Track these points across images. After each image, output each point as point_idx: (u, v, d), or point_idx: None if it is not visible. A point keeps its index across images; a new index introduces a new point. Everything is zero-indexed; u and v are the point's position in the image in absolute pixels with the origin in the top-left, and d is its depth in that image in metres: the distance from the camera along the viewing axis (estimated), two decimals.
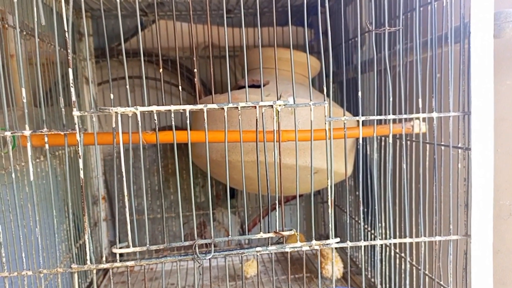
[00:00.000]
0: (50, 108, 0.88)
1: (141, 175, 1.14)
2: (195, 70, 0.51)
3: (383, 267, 0.76)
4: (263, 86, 0.86)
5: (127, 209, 0.52)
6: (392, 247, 0.73)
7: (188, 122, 0.53)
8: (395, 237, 0.65)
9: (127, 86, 0.51)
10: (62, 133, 0.50)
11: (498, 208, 0.72)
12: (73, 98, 0.48)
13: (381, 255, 0.76)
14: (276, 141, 0.57)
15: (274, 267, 0.93)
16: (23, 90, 0.49)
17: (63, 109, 0.51)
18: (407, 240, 0.62)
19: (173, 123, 0.52)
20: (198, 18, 1.16)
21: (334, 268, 0.61)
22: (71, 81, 0.47)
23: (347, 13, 1.03)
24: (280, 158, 0.55)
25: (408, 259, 0.68)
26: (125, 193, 0.52)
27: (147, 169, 1.19)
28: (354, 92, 1.00)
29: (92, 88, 1.09)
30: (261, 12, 1.13)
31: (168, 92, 1.21)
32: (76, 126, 0.49)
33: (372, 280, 0.90)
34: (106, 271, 1.10)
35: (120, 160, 0.52)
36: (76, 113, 0.49)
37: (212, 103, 0.54)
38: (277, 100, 0.54)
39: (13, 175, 0.52)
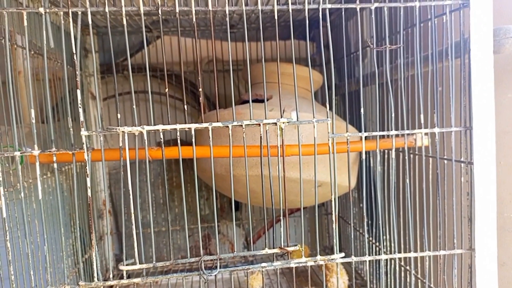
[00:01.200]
0: (56, 123, 0.89)
1: (146, 189, 1.15)
2: (200, 89, 0.53)
3: (388, 280, 0.76)
4: (267, 100, 0.87)
5: (133, 225, 0.53)
6: (397, 261, 0.74)
7: (193, 140, 0.54)
8: (399, 251, 0.65)
9: (134, 106, 0.52)
10: (70, 152, 0.51)
11: (502, 221, 0.72)
12: (81, 118, 0.49)
13: (386, 268, 0.76)
14: (280, 156, 0.58)
15: (279, 279, 0.93)
16: (32, 111, 0.50)
17: (71, 129, 0.52)
18: (412, 254, 0.62)
19: (178, 141, 0.53)
20: (201, 33, 1.18)
21: (339, 281, 0.61)
22: (79, 102, 0.48)
23: (349, 27, 1.04)
24: (284, 173, 0.55)
25: (413, 272, 0.68)
26: (132, 209, 0.52)
27: (152, 182, 1.20)
28: (356, 105, 1.01)
29: (98, 105, 1.11)
30: (264, 27, 1.15)
31: (172, 106, 1.22)
32: (84, 146, 0.50)
33: None
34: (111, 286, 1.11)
35: (127, 176, 0.52)
36: (84, 133, 0.50)
37: (217, 119, 0.55)
38: (281, 116, 0.55)
39: (22, 193, 0.53)
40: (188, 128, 0.53)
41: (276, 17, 0.57)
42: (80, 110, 0.49)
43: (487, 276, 0.59)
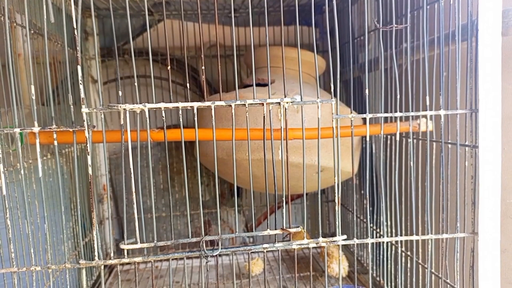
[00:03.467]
0: (56, 106, 0.88)
1: (147, 174, 1.14)
2: (203, 67, 0.52)
3: (390, 266, 0.76)
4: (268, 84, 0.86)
5: (135, 206, 0.53)
6: (399, 246, 0.73)
7: (195, 119, 0.53)
8: (402, 235, 0.65)
9: (136, 84, 0.51)
10: (70, 130, 0.51)
11: (504, 207, 0.72)
12: (82, 95, 0.48)
13: (387, 253, 0.76)
14: (284, 139, 0.57)
15: (280, 263, 0.93)
16: (32, 87, 0.49)
17: (71, 106, 0.52)
18: (414, 237, 0.62)
19: (180, 120, 0.52)
20: (203, 17, 1.16)
21: (341, 265, 0.61)
22: (80, 78, 0.47)
23: (353, 12, 1.03)
24: (287, 156, 0.55)
25: (414, 258, 0.68)
26: (133, 191, 0.52)
27: (152, 168, 1.20)
28: (359, 91, 1.00)
29: (99, 86, 1.10)
30: (267, 12, 1.14)
31: (172, 91, 1.21)
32: (85, 123, 0.49)
33: (378, 279, 0.90)
34: (111, 269, 1.11)
35: (128, 157, 0.52)
36: (84, 109, 0.49)
37: (220, 99, 0.54)
38: (284, 97, 0.54)
39: (22, 172, 0.52)
40: (190, 106, 0.52)
41: (281, 0, 0.56)
42: (81, 86, 0.48)
43: (490, 260, 0.58)
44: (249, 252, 0.55)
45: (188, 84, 0.47)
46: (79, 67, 0.47)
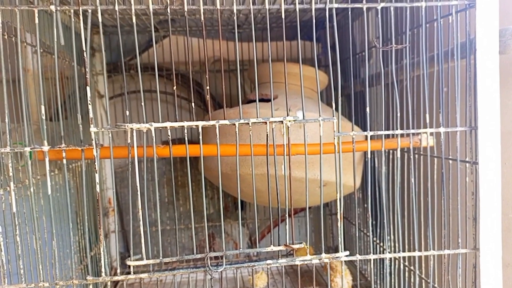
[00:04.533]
0: (63, 122, 0.90)
1: (151, 188, 1.16)
2: (207, 87, 0.53)
3: (392, 281, 0.76)
4: (273, 99, 0.88)
5: (141, 222, 0.54)
6: (402, 261, 0.74)
7: (200, 137, 0.55)
8: (404, 251, 0.65)
9: (142, 104, 0.53)
10: (79, 148, 0.52)
11: (507, 222, 0.72)
12: (91, 115, 0.49)
13: (390, 268, 0.77)
14: (286, 155, 0.58)
15: (284, 279, 0.93)
16: (42, 107, 0.51)
17: (80, 126, 0.53)
18: (416, 253, 0.63)
19: (186, 138, 0.53)
20: (207, 33, 1.18)
21: (344, 280, 0.62)
22: (89, 98, 0.49)
23: (354, 28, 1.04)
24: (290, 172, 0.56)
25: (417, 272, 0.68)
26: (139, 206, 0.53)
27: (157, 182, 1.21)
28: (361, 105, 1.01)
29: (106, 103, 1.12)
30: (269, 28, 1.16)
31: (177, 105, 1.23)
32: (93, 142, 0.51)
33: None
34: (116, 283, 1.11)
35: (135, 173, 0.53)
36: (93, 129, 0.50)
37: (224, 117, 0.55)
38: (287, 115, 0.55)
39: (32, 189, 0.54)
40: (195, 125, 0.53)
41: (283, 17, 0.57)
42: (90, 107, 0.49)
43: (492, 275, 0.59)
44: (252, 268, 0.56)
45: (193, 101, 0.49)
46: (88, 88, 0.49)
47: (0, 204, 0.56)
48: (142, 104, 0.51)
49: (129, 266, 0.55)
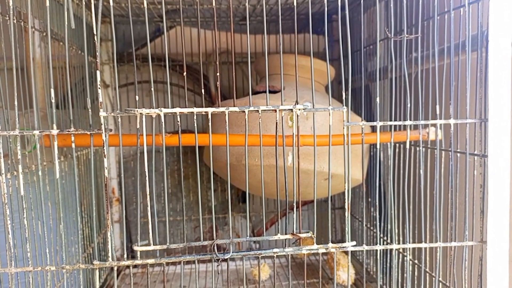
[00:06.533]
0: (70, 109, 0.90)
1: (155, 178, 1.16)
2: (217, 74, 0.53)
3: (398, 274, 0.76)
4: (280, 91, 0.87)
5: (148, 208, 0.54)
6: (407, 254, 0.74)
7: (209, 124, 0.55)
8: (410, 243, 0.65)
9: (152, 89, 0.53)
10: (88, 133, 0.52)
11: None
12: (101, 99, 0.49)
13: (395, 261, 0.77)
14: (295, 146, 0.58)
15: (286, 272, 0.93)
16: (52, 91, 0.51)
17: (90, 110, 0.53)
18: (423, 245, 0.63)
19: (195, 125, 0.53)
20: (212, 25, 1.18)
21: (349, 272, 0.62)
22: (99, 83, 0.49)
23: (362, 22, 1.04)
24: (298, 161, 0.56)
25: (422, 266, 0.68)
26: (147, 194, 0.53)
27: (160, 172, 1.21)
28: (367, 99, 1.01)
29: (116, 90, 1.12)
30: (276, 20, 1.15)
31: (180, 96, 1.22)
32: (102, 126, 0.51)
33: (385, 287, 0.90)
34: (118, 272, 1.12)
35: (143, 161, 0.53)
36: (102, 113, 0.50)
37: (234, 105, 0.55)
38: (296, 103, 0.55)
39: (40, 174, 0.53)
40: (204, 112, 0.53)
41: (295, 7, 0.57)
42: (100, 91, 0.49)
43: (498, 269, 0.59)
44: (259, 256, 0.56)
45: (202, 89, 0.49)
46: (98, 72, 0.49)
47: (7, 188, 0.55)
48: (152, 89, 0.51)
49: (131, 257, 0.55)
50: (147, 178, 0.53)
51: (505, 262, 0.59)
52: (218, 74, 0.53)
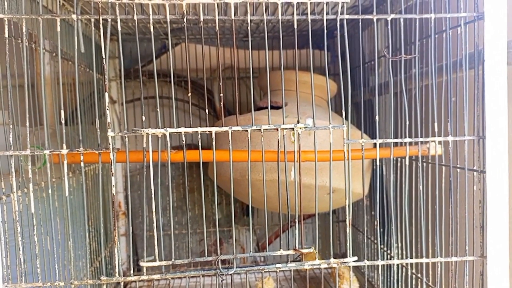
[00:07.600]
0: (75, 126, 0.92)
1: (161, 193, 1.17)
2: (221, 94, 0.55)
3: (400, 287, 0.77)
4: (282, 107, 0.89)
5: (154, 224, 0.55)
6: (409, 268, 0.74)
7: (213, 143, 0.56)
8: (411, 258, 0.66)
9: (157, 109, 0.55)
10: (96, 152, 0.54)
11: None
12: (108, 120, 0.51)
13: (398, 275, 0.77)
14: (296, 162, 0.59)
15: (291, 285, 0.93)
16: (62, 112, 0.53)
17: (98, 130, 0.55)
18: (424, 260, 0.63)
19: (199, 144, 0.55)
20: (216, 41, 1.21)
21: (352, 286, 0.62)
22: (107, 104, 0.51)
23: (363, 38, 1.06)
24: (300, 178, 0.57)
25: (424, 279, 0.69)
26: (153, 209, 0.55)
27: (166, 186, 1.23)
28: (369, 114, 1.03)
29: (124, 109, 1.14)
30: (278, 36, 1.18)
31: (187, 111, 1.25)
32: (110, 146, 0.53)
33: None
34: (124, 286, 1.13)
35: (149, 177, 0.55)
36: (110, 133, 0.52)
37: (236, 123, 0.57)
38: (297, 122, 0.57)
39: (50, 191, 0.55)
40: (208, 131, 0.55)
41: (295, 26, 0.59)
42: (108, 111, 0.51)
43: (499, 283, 0.59)
44: (262, 272, 0.57)
45: (206, 108, 0.50)
46: (106, 94, 0.51)
47: (18, 205, 0.57)
48: (158, 109, 0.53)
49: (137, 270, 0.56)
50: (153, 192, 0.55)
51: (506, 276, 0.60)
52: (221, 94, 0.55)
